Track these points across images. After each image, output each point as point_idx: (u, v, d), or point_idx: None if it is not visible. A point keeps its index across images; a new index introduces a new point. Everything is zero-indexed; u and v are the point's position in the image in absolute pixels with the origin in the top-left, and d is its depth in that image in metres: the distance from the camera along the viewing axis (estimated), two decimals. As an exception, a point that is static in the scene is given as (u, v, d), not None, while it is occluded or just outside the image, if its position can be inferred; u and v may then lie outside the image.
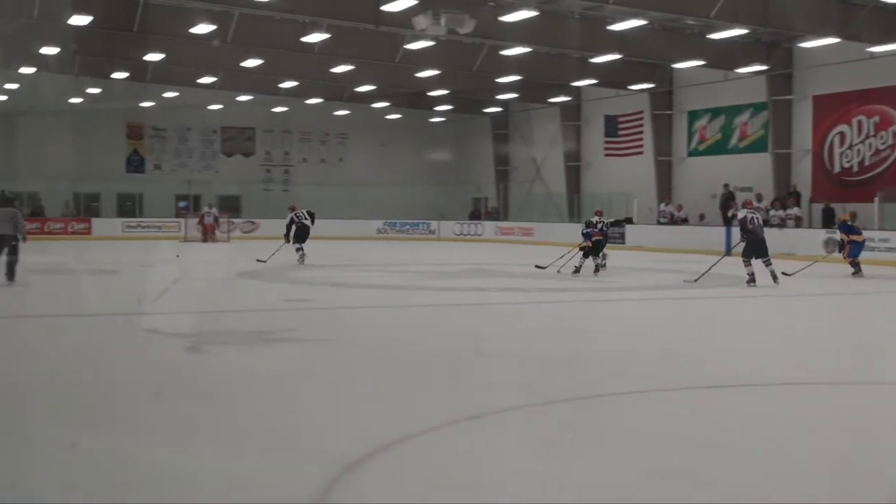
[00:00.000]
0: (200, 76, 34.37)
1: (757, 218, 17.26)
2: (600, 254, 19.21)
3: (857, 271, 19.06)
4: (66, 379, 7.58)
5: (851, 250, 19.25)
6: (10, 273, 15.76)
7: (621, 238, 30.63)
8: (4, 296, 14.26)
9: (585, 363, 8.60)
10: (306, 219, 22.31)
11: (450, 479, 4.98)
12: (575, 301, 14.78)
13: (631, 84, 32.60)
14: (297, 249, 21.88)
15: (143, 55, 29.59)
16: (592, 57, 28.72)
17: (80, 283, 17.65)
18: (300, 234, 22.08)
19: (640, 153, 34.38)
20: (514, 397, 6.97)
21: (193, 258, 23.89)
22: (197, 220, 33.95)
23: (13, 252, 16.00)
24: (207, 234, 32.99)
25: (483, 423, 6.19)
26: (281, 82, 35.10)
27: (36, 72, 31.36)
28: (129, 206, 39.21)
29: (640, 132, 34.43)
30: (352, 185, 40.96)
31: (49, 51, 27.69)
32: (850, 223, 19.61)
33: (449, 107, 40.72)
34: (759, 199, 27.58)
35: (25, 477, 4.94)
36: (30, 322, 11.55)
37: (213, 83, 35.14)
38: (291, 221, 22.17)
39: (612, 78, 31.76)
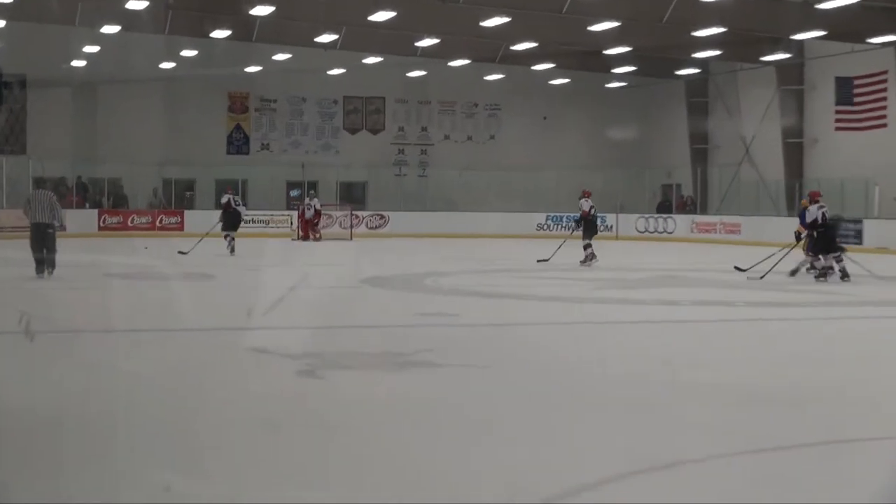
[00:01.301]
0: (318, 34, 35.05)
1: (827, 212, 19.64)
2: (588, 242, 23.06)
3: (813, 268, 19.92)
4: (157, 408, 7.81)
5: (810, 244, 20.13)
6: (52, 264, 16.88)
7: (857, 237, 29.81)
8: (82, 305, 14.85)
9: (807, 399, 8.42)
10: (240, 204, 25.79)
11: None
12: (793, 318, 14.53)
13: (871, 36, 31.68)
14: (226, 236, 25.08)
15: (249, 9, 30.40)
16: (820, 2, 28.04)
17: (172, 290, 18.25)
18: (233, 222, 25.35)
19: (884, 125, 33.40)
20: (714, 442, 6.88)
21: (307, 261, 24.42)
22: (297, 213, 34.55)
23: (51, 243, 17.03)
24: (308, 231, 33.42)
25: (675, 475, 6.14)
26: (418, 40, 35.49)
27: (120, 31, 32.55)
28: (230, 196, 40.31)
29: (884, 98, 33.44)
30: (506, 168, 41.10)
31: (136, 5, 28.68)
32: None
33: (631, 68, 40.38)
34: None
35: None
36: (113, 338, 11.96)
37: (334, 42, 35.80)
38: (227, 206, 25.44)
39: (847, 28, 30.91)
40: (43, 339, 10.65)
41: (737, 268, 20.88)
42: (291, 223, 35.73)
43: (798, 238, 20.69)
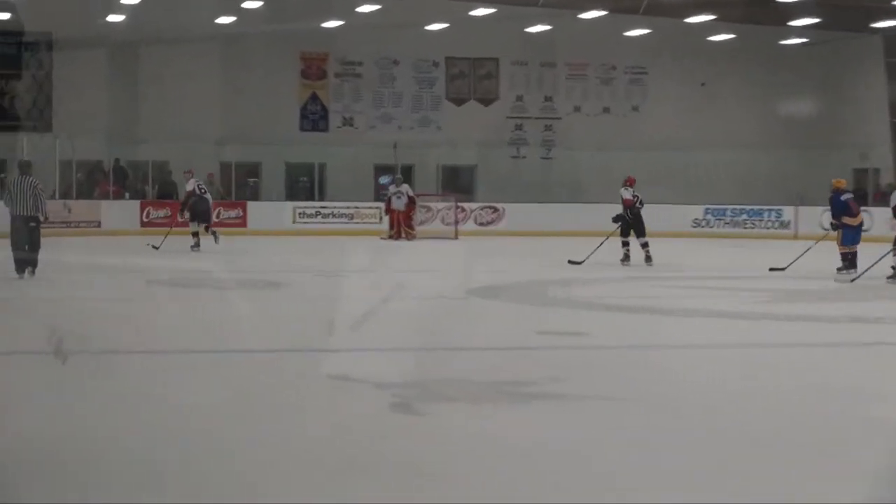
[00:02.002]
0: (414, -22, 35.25)
1: None
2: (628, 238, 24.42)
3: (848, 267, 21.32)
4: (215, 447, 7.95)
5: (844, 237, 21.46)
6: (34, 263, 17.47)
7: None
8: (122, 319, 15.11)
9: None
10: (206, 192, 27.05)
11: None
12: None
13: None
14: (195, 234, 26.39)
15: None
16: None
17: (232, 301, 18.48)
18: (202, 212, 26.66)
19: None
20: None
21: (400, 265, 24.54)
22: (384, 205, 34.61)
23: (35, 240, 17.53)
24: (400, 227, 33.44)
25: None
26: (540, -14, 35.52)
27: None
28: (303, 184, 40.56)
29: None
30: (652, 148, 40.83)
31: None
32: (843, 196, 21.52)
33: (813, 20, 39.97)
34: None
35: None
36: (160, 360, 12.19)
37: (434, -11, 35.95)
38: (192, 193, 26.77)
39: None
40: (76, 360, 10.87)
41: (773, 269, 22.25)
42: (381, 218, 35.73)
43: (833, 229, 21.71)
